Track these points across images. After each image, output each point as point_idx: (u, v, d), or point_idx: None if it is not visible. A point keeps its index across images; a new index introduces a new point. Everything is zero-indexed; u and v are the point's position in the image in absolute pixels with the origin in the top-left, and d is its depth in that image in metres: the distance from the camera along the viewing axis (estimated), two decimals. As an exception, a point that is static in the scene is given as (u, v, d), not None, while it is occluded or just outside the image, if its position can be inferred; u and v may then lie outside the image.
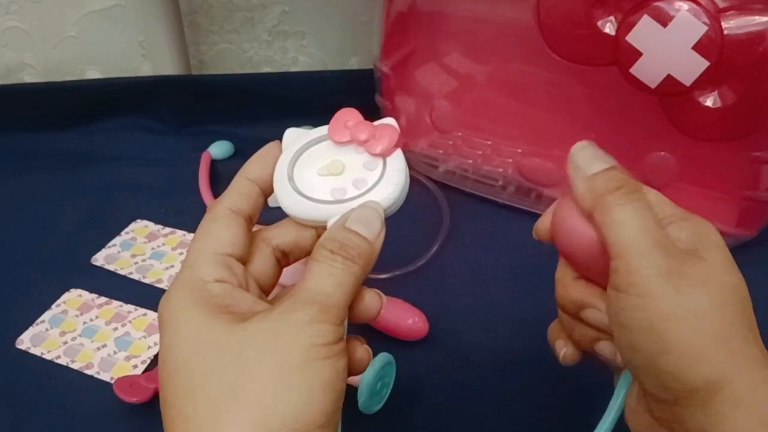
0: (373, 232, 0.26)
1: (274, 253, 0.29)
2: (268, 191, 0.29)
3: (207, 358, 0.23)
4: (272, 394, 0.22)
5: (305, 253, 0.29)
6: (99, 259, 0.52)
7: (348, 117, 0.29)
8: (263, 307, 0.25)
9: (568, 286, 0.29)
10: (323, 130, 0.30)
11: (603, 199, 0.26)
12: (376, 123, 0.29)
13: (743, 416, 0.23)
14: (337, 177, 0.29)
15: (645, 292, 0.24)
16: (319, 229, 0.28)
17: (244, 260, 0.27)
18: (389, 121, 0.30)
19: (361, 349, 0.27)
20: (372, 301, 0.27)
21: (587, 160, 0.28)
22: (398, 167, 0.28)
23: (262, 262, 0.28)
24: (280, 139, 0.31)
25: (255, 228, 0.29)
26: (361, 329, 0.45)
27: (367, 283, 0.30)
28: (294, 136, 0.31)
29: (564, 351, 0.31)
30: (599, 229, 0.26)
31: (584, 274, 0.29)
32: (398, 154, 0.29)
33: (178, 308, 0.24)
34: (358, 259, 0.25)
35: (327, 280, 0.24)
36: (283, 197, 0.29)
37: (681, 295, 0.24)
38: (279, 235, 0.29)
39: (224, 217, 0.27)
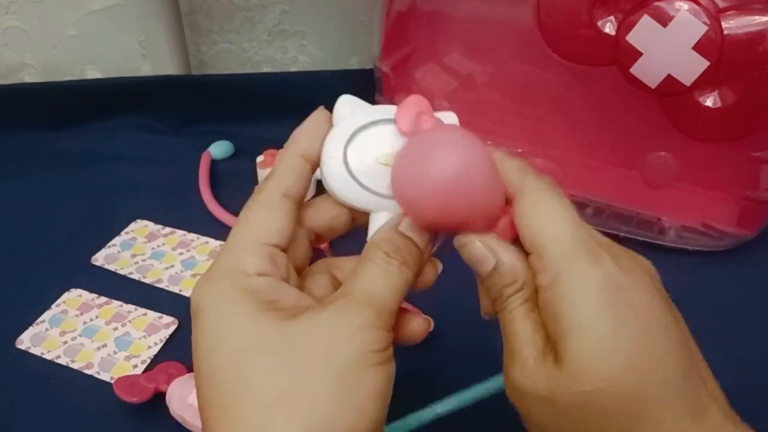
0: (425, 240, 0.25)
1: (308, 235, 0.27)
2: (317, 167, 0.26)
3: (257, 358, 0.21)
4: (327, 401, 0.21)
5: (336, 235, 0.28)
6: (99, 259, 0.52)
7: (419, 105, 0.26)
8: (309, 303, 0.24)
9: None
10: (389, 111, 0.27)
11: (495, 303, 0.26)
12: (437, 114, 0.26)
13: None
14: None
15: (530, 403, 0.24)
16: (356, 212, 0.26)
17: (287, 248, 0.25)
18: (451, 116, 0.27)
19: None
20: (419, 326, 0.26)
21: (482, 254, 0.25)
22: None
23: (297, 246, 0.26)
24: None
25: None
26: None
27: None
28: (349, 108, 0.27)
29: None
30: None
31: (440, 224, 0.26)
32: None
33: (221, 299, 0.22)
34: (413, 266, 0.24)
35: (383, 283, 0.23)
36: (335, 180, 0.26)
37: (553, 402, 0.23)
38: (314, 216, 0.27)
39: (274, 201, 0.25)
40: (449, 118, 0.27)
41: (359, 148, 0.26)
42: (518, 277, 0.24)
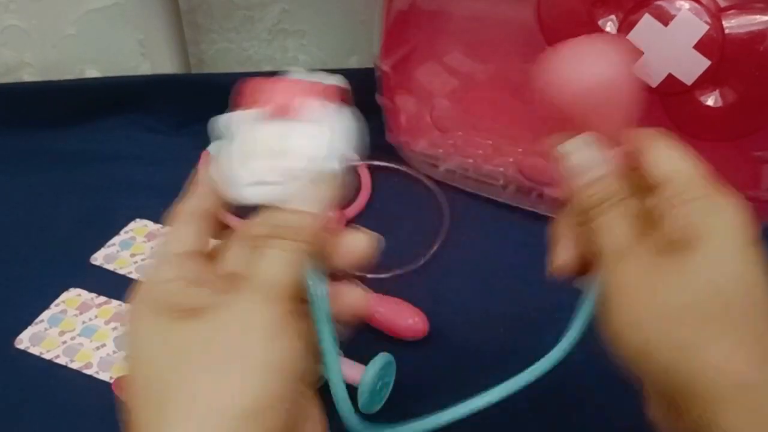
0: (315, 203, 0.26)
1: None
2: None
3: (150, 359, 0.23)
4: (212, 386, 0.22)
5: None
6: (98, 258, 0.52)
7: (264, 87, 0.27)
8: (213, 300, 0.24)
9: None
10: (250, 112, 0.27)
11: (589, 213, 0.27)
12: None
13: (738, 408, 0.22)
14: (285, 154, 0.26)
15: (625, 294, 0.25)
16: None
17: (213, 255, 0.27)
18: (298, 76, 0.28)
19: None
20: (352, 295, 0.28)
21: (583, 165, 0.28)
22: (317, 118, 0.27)
23: (240, 254, 0.27)
24: None
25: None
26: (361, 329, 0.45)
27: (367, 282, 0.30)
28: (222, 124, 0.29)
29: (563, 256, 0.29)
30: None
31: (588, 124, 0.28)
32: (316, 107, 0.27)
33: (133, 317, 0.25)
34: (302, 238, 0.25)
35: (269, 264, 0.24)
36: (239, 191, 0.27)
37: (657, 293, 0.24)
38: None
39: (179, 219, 0.28)
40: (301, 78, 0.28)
41: (244, 156, 0.27)
42: (622, 189, 0.27)
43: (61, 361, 0.43)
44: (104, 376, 0.42)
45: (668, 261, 0.24)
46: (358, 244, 0.28)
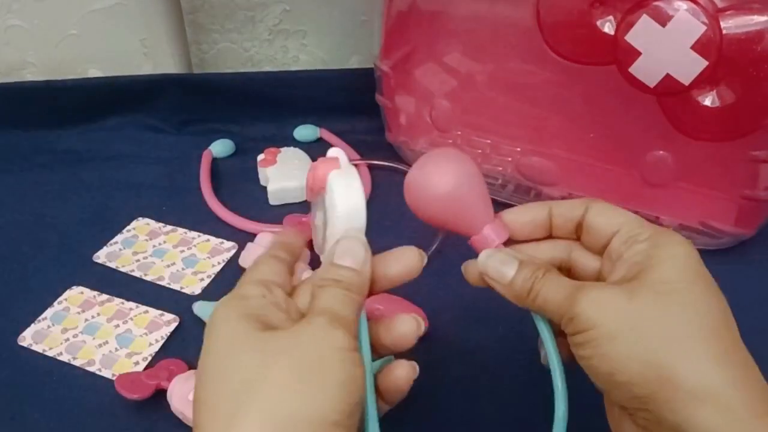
0: (359, 262, 0.29)
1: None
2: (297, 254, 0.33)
3: (232, 356, 0.25)
4: (284, 389, 0.24)
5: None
6: (100, 256, 0.52)
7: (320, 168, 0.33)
8: (299, 323, 0.28)
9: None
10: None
11: (527, 299, 0.29)
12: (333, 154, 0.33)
13: (708, 412, 0.24)
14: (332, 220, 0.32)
15: (586, 327, 0.27)
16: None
17: (287, 291, 0.30)
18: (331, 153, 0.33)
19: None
20: (407, 327, 0.31)
21: (497, 271, 0.31)
22: (334, 189, 0.31)
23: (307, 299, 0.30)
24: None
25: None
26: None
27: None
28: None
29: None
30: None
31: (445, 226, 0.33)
32: (333, 177, 0.32)
33: (218, 317, 0.27)
34: (352, 287, 0.29)
35: (331, 299, 0.28)
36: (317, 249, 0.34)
37: (617, 316, 0.26)
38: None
39: (263, 257, 0.31)
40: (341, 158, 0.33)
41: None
42: (541, 266, 0.30)
43: (64, 358, 0.44)
44: (107, 374, 0.43)
45: (625, 288, 0.27)
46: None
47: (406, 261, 0.31)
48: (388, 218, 0.57)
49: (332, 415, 0.24)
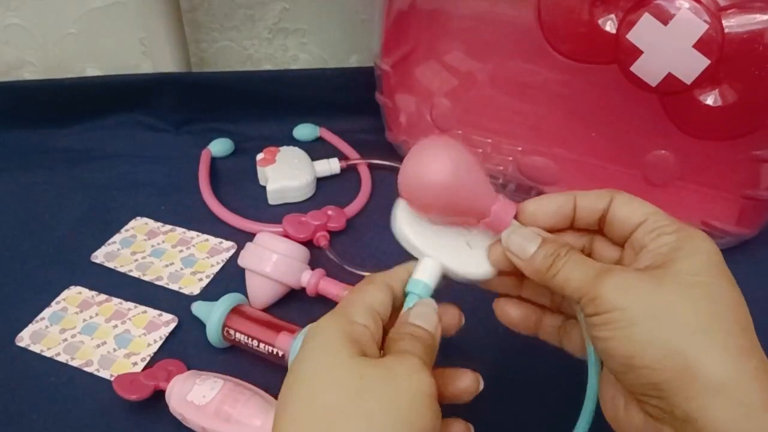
0: (432, 325, 0.30)
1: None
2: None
3: (329, 375, 0.26)
4: (378, 421, 0.24)
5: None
6: (99, 256, 0.52)
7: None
8: (393, 357, 0.28)
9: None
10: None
11: (545, 275, 0.29)
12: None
13: (723, 404, 0.24)
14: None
15: (608, 309, 0.27)
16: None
17: (386, 321, 0.31)
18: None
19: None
20: (468, 384, 0.32)
21: (519, 245, 0.31)
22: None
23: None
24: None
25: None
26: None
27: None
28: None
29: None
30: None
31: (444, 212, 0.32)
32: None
33: (320, 331, 0.28)
34: (425, 350, 0.29)
35: (415, 348, 0.28)
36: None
37: (642, 301, 0.26)
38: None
39: (379, 283, 0.32)
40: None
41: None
42: (564, 245, 0.30)
43: (62, 358, 0.44)
44: (105, 374, 0.42)
45: (651, 275, 0.27)
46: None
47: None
48: (388, 217, 0.57)
49: None
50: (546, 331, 0.35)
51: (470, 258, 0.32)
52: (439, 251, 0.32)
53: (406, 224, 0.33)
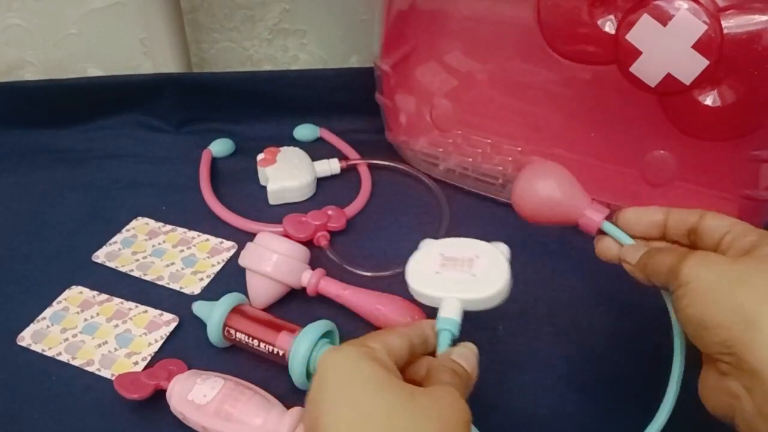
0: (472, 366, 0.33)
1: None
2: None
3: (386, 404, 0.27)
4: None
5: None
6: (100, 256, 0.52)
7: None
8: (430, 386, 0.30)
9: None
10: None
11: (646, 268, 0.34)
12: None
13: None
14: None
15: (688, 280, 0.30)
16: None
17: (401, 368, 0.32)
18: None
19: None
20: None
21: (628, 254, 0.35)
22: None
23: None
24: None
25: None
26: (362, 327, 0.45)
27: (370, 279, 0.31)
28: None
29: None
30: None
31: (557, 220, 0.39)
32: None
33: (345, 357, 0.29)
34: (463, 386, 0.31)
35: (453, 380, 0.31)
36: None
37: (718, 270, 0.29)
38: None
39: (398, 330, 0.33)
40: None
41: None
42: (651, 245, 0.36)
43: (63, 358, 0.44)
44: (106, 374, 0.43)
45: (732, 257, 0.31)
46: None
47: None
48: (388, 217, 0.57)
49: None
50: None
51: (481, 284, 0.36)
52: (454, 290, 0.36)
53: (415, 284, 0.37)
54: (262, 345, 0.41)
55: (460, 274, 0.37)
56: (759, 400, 0.27)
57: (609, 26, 0.44)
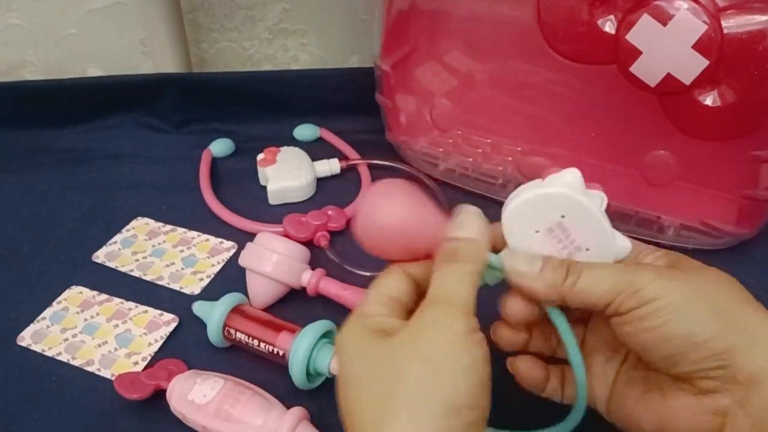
0: (474, 231, 0.30)
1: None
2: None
3: (369, 368, 0.27)
4: (422, 387, 0.25)
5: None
6: (100, 256, 0.52)
7: None
8: (414, 317, 0.29)
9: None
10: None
11: (562, 285, 0.29)
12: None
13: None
14: None
15: (655, 297, 0.27)
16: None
17: (409, 305, 0.31)
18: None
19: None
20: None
21: (524, 265, 0.30)
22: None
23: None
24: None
25: None
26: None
27: (370, 279, 0.31)
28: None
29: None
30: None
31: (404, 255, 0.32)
32: None
33: (347, 336, 0.29)
34: (469, 258, 0.29)
35: (446, 281, 0.29)
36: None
37: (686, 283, 0.28)
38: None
39: (392, 270, 0.32)
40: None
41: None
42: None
43: (63, 358, 0.44)
44: (106, 374, 0.43)
45: (671, 269, 0.30)
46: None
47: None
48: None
49: (467, 399, 0.25)
50: (551, 387, 0.35)
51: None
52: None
53: (513, 226, 0.31)
54: (262, 345, 0.42)
55: (560, 251, 0.31)
56: (755, 411, 0.26)
57: (609, 26, 0.44)
